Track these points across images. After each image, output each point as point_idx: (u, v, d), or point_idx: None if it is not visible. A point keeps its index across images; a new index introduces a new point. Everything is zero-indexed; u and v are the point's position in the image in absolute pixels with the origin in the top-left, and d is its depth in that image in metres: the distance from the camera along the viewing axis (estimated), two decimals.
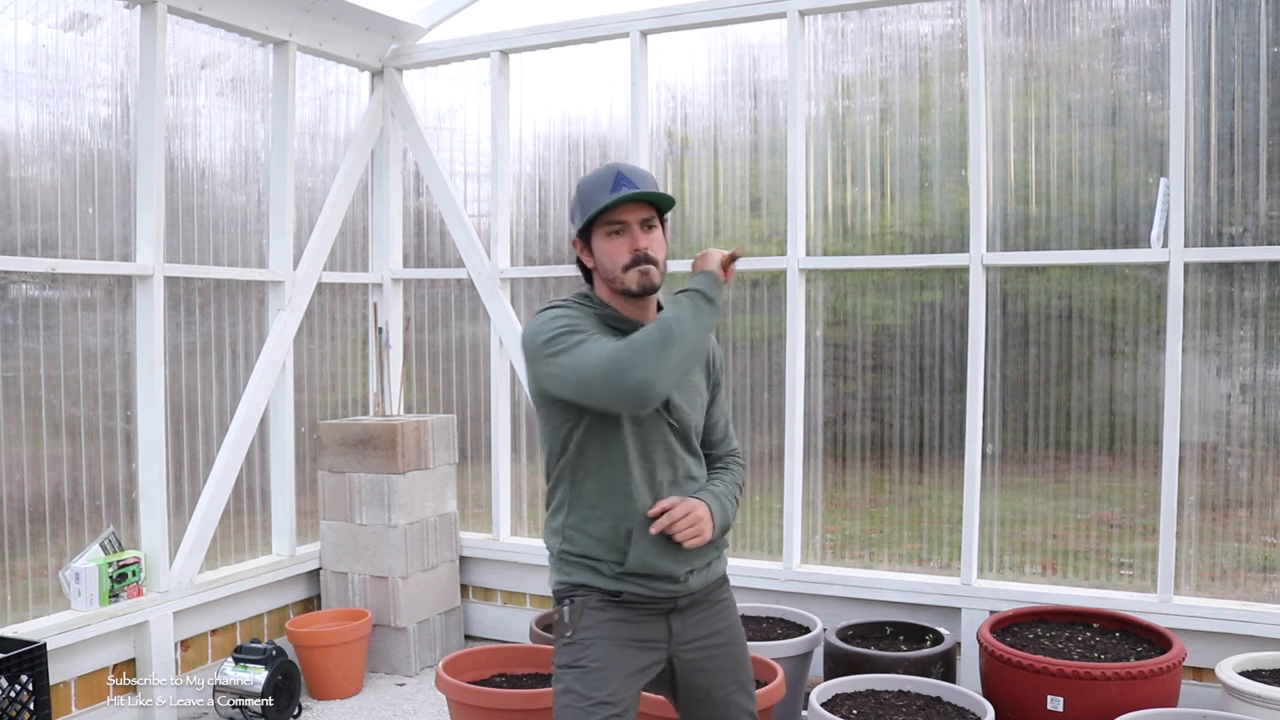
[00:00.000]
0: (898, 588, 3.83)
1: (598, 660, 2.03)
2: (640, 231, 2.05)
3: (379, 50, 4.69)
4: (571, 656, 2.06)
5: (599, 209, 2.01)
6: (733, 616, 2.24)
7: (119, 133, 3.69)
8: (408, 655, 4.29)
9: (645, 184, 2.04)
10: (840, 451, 4.08)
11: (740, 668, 2.21)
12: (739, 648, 2.22)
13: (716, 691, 2.16)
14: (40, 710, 3.00)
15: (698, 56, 4.29)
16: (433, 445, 4.45)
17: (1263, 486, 3.46)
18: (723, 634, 2.19)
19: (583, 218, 2.06)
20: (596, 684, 2.00)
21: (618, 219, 2.04)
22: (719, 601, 2.20)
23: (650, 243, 2.06)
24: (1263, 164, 3.39)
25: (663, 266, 2.09)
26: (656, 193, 2.05)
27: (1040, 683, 3.02)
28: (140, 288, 3.68)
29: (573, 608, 2.09)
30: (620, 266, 2.05)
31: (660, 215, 2.11)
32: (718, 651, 2.17)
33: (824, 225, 4.06)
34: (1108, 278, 3.68)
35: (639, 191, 2.02)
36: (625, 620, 2.07)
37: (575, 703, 2.00)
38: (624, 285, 2.06)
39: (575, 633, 2.07)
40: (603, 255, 2.07)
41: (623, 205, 2.03)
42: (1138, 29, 3.61)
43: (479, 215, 4.73)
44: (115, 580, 3.54)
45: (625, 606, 2.07)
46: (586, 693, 2.00)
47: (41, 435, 3.45)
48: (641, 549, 2.05)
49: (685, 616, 2.13)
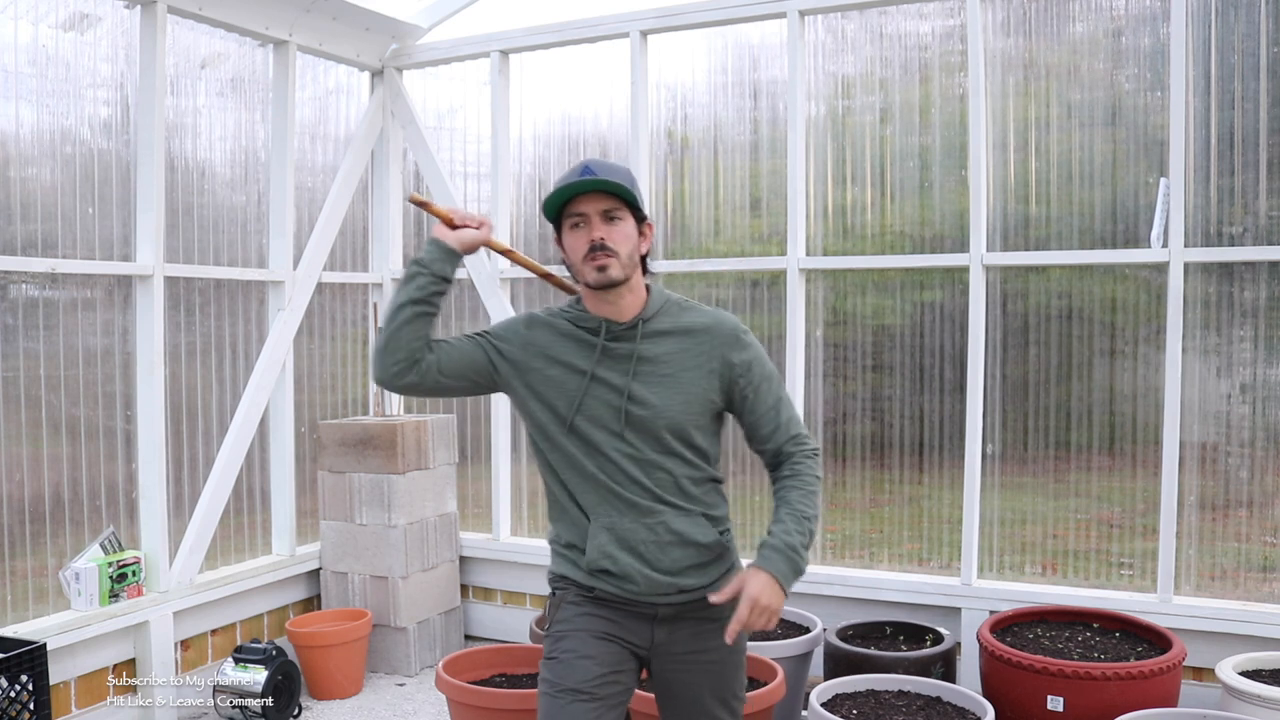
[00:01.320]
0: (898, 588, 3.83)
1: (569, 651, 2.03)
2: (599, 222, 1.97)
3: (379, 50, 4.69)
4: (549, 648, 2.08)
5: (554, 198, 1.98)
6: (737, 642, 2.06)
7: (119, 133, 3.69)
8: (408, 655, 4.29)
9: (611, 176, 1.96)
10: (840, 451, 4.08)
11: (726, 686, 2.11)
12: (731, 668, 2.12)
13: (696, 703, 2.09)
14: (40, 710, 3.00)
15: (698, 56, 4.29)
16: (433, 445, 4.45)
17: (1263, 486, 3.46)
18: (714, 651, 2.07)
19: (550, 212, 2.03)
20: (564, 673, 2.00)
21: (578, 210, 1.98)
22: (716, 620, 2.03)
23: (610, 234, 1.97)
24: (1263, 164, 3.39)
25: (627, 259, 1.99)
26: (606, 179, 1.94)
27: (1040, 683, 3.02)
28: (140, 288, 3.67)
29: (553, 601, 2.11)
30: (579, 258, 1.99)
31: (632, 208, 2.01)
32: (705, 668, 2.08)
33: (824, 225, 4.06)
34: (1108, 278, 3.68)
35: (590, 181, 1.94)
36: (600, 615, 2.05)
37: (546, 690, 2.02)
38: (584, 278, 2.01)
39: (553, 625, 2.09)
40: (568, 249, 2.03)
41: (582, 196, 1.97)
42: (1138, 29, 3.61)
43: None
44: (115, 580, 3.54)
45: (601, 603, 2.06)
46: (556, 680, 2.00)
47: (41, 435, 3.45)
48: (597, 544, 2.02)
49: (672, 628, 2.06)
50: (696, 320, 2.09)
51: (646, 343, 2.04)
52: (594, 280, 1.98)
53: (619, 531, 2.02)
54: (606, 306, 2.05)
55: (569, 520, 2.09)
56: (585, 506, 2.05)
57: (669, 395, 2.02)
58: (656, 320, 2.06)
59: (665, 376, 2.03)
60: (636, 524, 2.01)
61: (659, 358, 2.04)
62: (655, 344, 2.04)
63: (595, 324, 2.05)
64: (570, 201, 1.99)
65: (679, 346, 2.05)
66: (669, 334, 2.06)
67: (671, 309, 2.09)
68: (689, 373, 2.05)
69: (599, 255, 1.96)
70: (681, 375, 2.04)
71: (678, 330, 2.07)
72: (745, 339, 2.10)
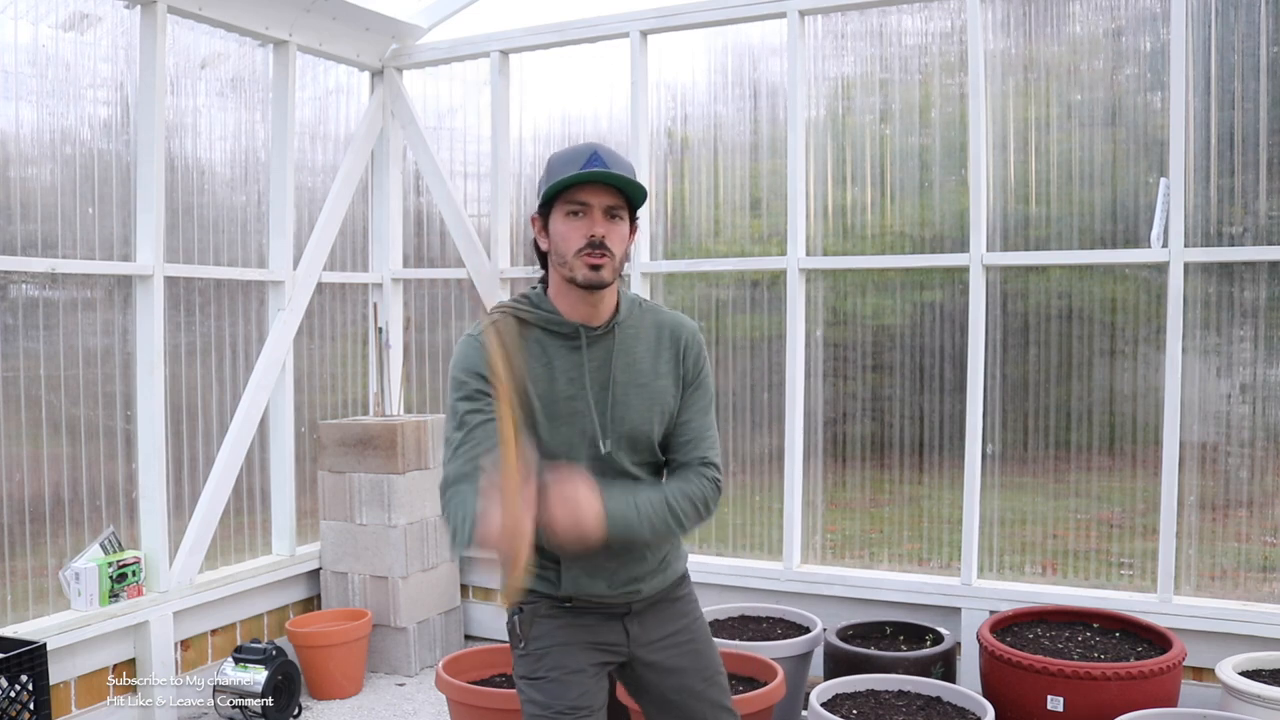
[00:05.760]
0: (898, 588, 3.83)
1: (557, 668, 1.95)
2: (601, 217, 1.85)
3: (379, 50, 4.69)
4: (528, 668, 1.98)
5: (562, 182, 1.83)
6: (694, 612, 2.12)
7: (119, 133, 3.69)
8: (408, 655, 4.29)
9: (621, 169, 1.85)
10: (840, 451, 4.08)
11: (708, 664, 2.10)
12: (704, 643, 2.11)
13: (689, 692, 2.06)
14: (40, 710, 3.00)
15: (698, 56, 4.29)
16: (433, 445, 4.45)
17: (1263, 486, 3.45)
18: (684, 631, 2.08)
19: (545, 191, 1.88)
20: (559, 692, 1.92)
21: (581, 199, 1.85)
22: (677, 599, 2.09)
23: (609, 232, 1.86)
24: (1263, 164, 3.39)
25: (618, 263, 1.88)
26: (628, 178, 1.84)
27: (1040, 683, 3.02)
28: (140, 288, 3.67)
29: (523, 617, 1.99)
30: (572, 250, 1.85)
31: (630, 210, 1.91)
32: (682, 650, 2.07)
33: (824, 225, 4.06)
34: (1108, 278, 3.68)
35: (608, 172, 1.82)
36: (578, 625, 2.00)
37: (542, 712, 1.92)
38: (571, 273, 1.87)
39: (528, 644, 1.98)
40: (558, 237, 1.88)
41: (588, 185, 1.84)
42: (1138, 29, 3.61)
43: (479, 215, 4.73)
44: (115, 580, 3.54)
45: (576, 612, 2.00)
46: (550, 701, 1.92)
47: (41, 435, 3.45)
48: (573, 574, 1.95)
49: (643, 619, 2.04)
50: (662, 320, 2.03)
51: (621, 350, 1.96)
52: (584, 279, 1.86)
53: (592, 558, 1.91)
54: (584, 308, 1.93)
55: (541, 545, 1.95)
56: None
57: (647, 405, 1.97)
58: (628, 324, 1.99)
59: (640, 386, 1.96)
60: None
61: (632, 365, 1.97)
62: (629, 351, 1.97)
63: (570, 329, 1.93)
64: (572, 188, 1.86)
65: (650, 352, 1.99)
66: (641, 340, 1.99)
67: (637, 310, 2.02)
68: (661, 379, 1.99)
69: (595, 254, 1.85)
70: (654, 384, 1.98)
71: (646, 334, 2.00)
72: (702, 344, 2.06)
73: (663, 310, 2.07)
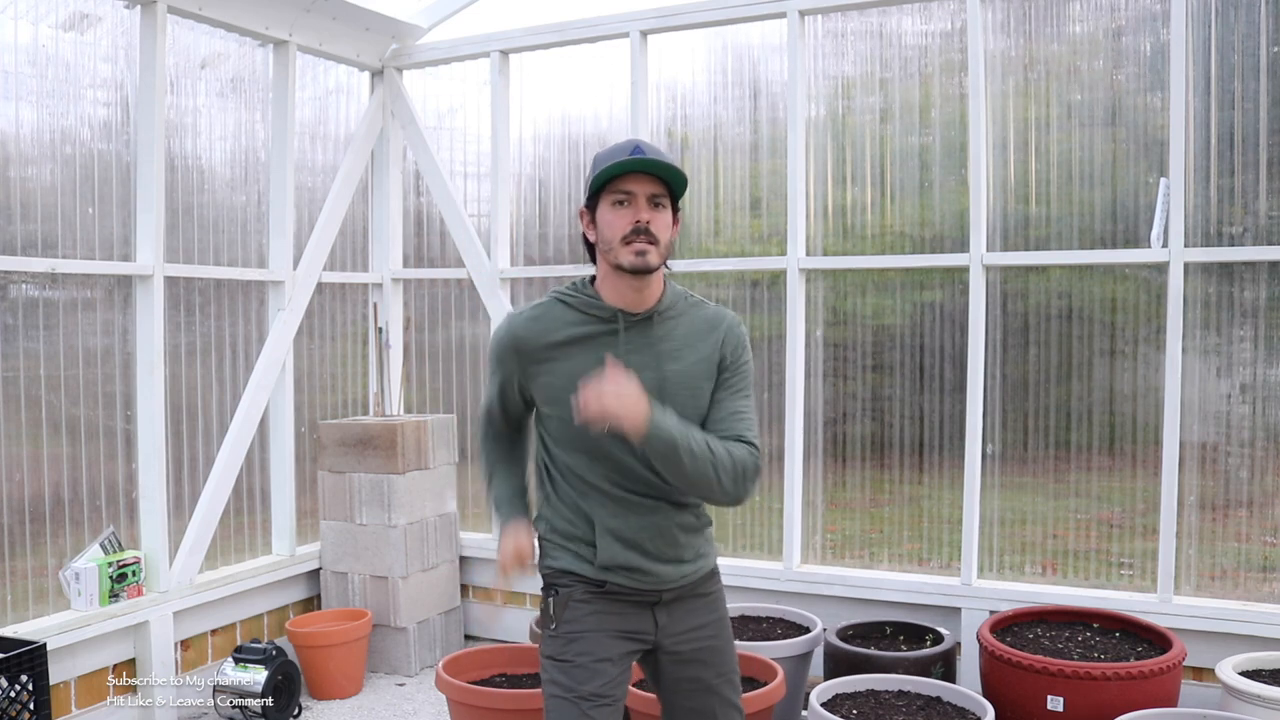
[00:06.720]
0: (898, 588, 3.83)
1: (585, 654, 2.00)
2: (646, 205, 1.95)
3: (379, 50, 4.69)
4: (556, 649, 2.03)
5: (606, 171, 1.93)
6: (721, 610, 2.19)
7: (119, 133, 3.69)
8: (408, 655, 4.29)
9: (662, 159, 1.96)
10: (840, 451, 4.08)
11: (725, 661, 2.16)
12: (725, 642, 2.17)
13: (702, 685, 2.12)
14: (40, 710, 3.00)
15: (697, 56, 4.29)
16: (433, 445, 4.45)
17: (1263, 486, 3.46)
18: (710, 626, 2.14)
19: (592, 183, 1.98)
20: (583, 677, 1.98)
21: (625, 188, 1.94)
22: (707, 594, 2.15)
23: (654, 219, 1.95)
24: (1263, 164, 3.39)
25: (664, 249, 1.97)
26: (670, 165, 1.94)
27: (1040, 683, 3.02)
28: (140, 288, 3.68)
29: (557, 600, 2.06)
30: (619, 238, 1.94)
31: (673, 198, 2.00)
32: (704, 644, 2.12)
33: (824, 225, 4.06)
34: (1108, 278, 3.68)
35: (650, 160, 1.92)
36: (610, 612, 2.05)
37: (564, 694, 1.98)
38: (618, 259, 1.96)
39: (559, 625, 2.04)
40: (604, 225, 1.97)
41: (632, 175, 1.94)
42: (1138, 29, 3.61)
43: (479, 215, 4.73)
44: (115, 580, 3.54)
45: (610, 598, 2.05)
46: (573, 685, 1.97)
47: (41, 435, 3.45)
48: (608, 542, 2.02)
49: (671, 610, 2.10)
50: (705, 312, 2.10)
51: (659, 335, 2.03)
52: (630, 264, 1.94)
53: (626, 532, 2.02)
54: (629, 295, 2.01)
55: (569, 513, 2.07)
56: (590, 504, 2.04)
57: (685, 396, 2.02)
58: (670, 313, 2.06)
59: (675, 370, 2.03)
60: (643, 521, 2.03)
61: (674, 354, 2.03)
62: (670, 339, 2.04)
63: (609, 313, 2.01)
64: (616, 178, 1.95)
65: (690, 343, 2.05)
66: (681, 330, 2.06)
67: (681, 302, 2.10)
68: (698, 365, 2.04)
69: (641, 239, 1.93)
70: (690, 369, 2.04)
71: (686, 322, 2.07)
72: (743, 334, 2.12)
73: (708, 304, 2.14)
